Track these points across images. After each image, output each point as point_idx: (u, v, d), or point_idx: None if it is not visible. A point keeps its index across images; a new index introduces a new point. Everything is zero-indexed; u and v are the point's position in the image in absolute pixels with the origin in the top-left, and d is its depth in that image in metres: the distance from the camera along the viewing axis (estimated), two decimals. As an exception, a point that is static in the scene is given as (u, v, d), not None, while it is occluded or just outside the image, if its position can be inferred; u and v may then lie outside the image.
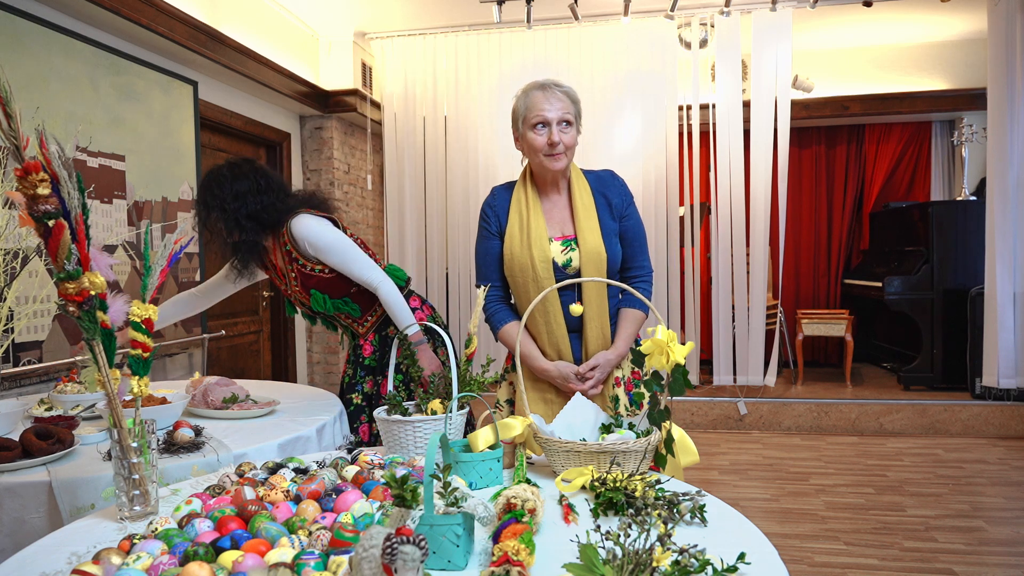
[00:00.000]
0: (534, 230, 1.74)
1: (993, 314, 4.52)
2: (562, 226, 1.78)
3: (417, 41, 5.16)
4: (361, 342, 2.22)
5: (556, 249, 1.76)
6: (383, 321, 2.21)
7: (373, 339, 2.21)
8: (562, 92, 1.72)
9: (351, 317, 2.21)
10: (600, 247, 1.73)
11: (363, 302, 2.18)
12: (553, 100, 1.70)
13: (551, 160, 1.72)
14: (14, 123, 1.00)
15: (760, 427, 4.82)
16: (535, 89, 1.73)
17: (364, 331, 2.22)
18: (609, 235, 1.76)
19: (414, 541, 0.74)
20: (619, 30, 4.89)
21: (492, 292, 1.82)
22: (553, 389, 1.78)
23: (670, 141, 4.93)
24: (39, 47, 2.73)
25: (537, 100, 1.71)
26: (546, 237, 1.75)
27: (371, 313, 2.21)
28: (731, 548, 0.97)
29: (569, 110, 1.71)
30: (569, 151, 1.73)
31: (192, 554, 0.93)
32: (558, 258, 1.75)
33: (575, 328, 1.77)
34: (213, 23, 3.63)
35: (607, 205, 1.79)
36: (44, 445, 1.45)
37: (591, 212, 1.76)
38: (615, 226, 1.78)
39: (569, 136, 1.71)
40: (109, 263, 1.15)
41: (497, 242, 1.81)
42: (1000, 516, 3.16)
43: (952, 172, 6.16)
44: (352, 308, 2.16)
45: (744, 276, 4.93)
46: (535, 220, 1.75)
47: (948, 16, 5.07)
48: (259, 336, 4.67)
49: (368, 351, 2.21)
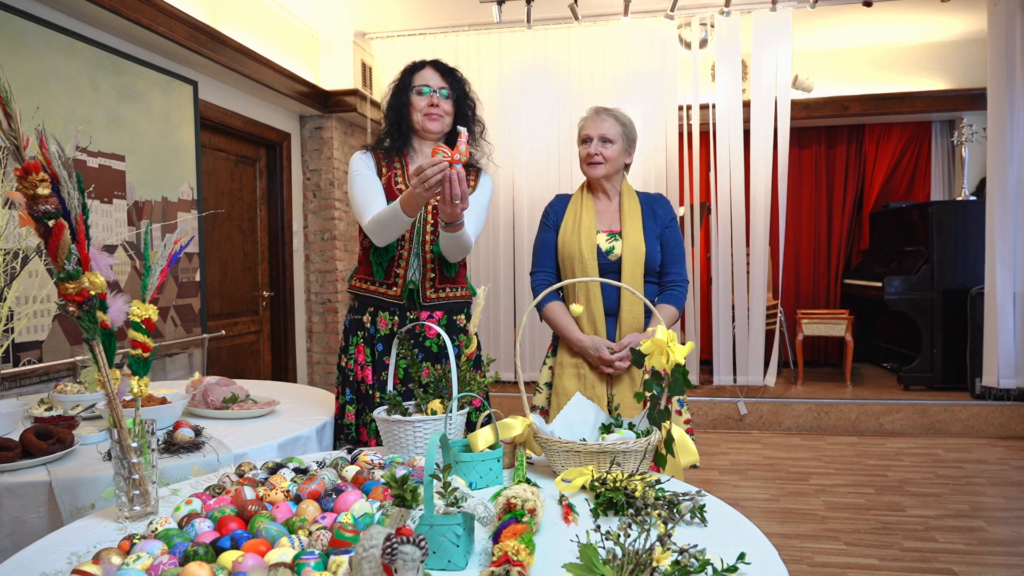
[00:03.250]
0: (584, 222, 2.04)
1: (993, 314, 4.52)
2: (610, 223, 2.08)
3: (417, 41, 5.15)
4: (422, 315, 1.91)
5: (602, 239, 2.04)
6: (454, 304, 1.97)
7: (442, 317, 1.94)
8: (608, 115, 2.06)
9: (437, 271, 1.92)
10: (641, 242, 2.01)
11: (461, 271, 1.99)
12: (598, 121, 2.05)
13: (591, 168, 2.05)
14: (14, 123, 1.00)
15: (760, 427, 4.82)
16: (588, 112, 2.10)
17: (433, 299, 1.93)
18: (651, 236, 2.04)
19: (414, 541, 0.74)
20: (619, 30, 4.89)
21: (542, 277, 2.10)
22: (587, 364, 2.01)
23: (670, 141, 4.94)
24: (39, 47, 2.73)
25: (585, 121, 2.09)
26: (594, 229, 2.04)
27: (452, 286, 1.96)
28: (731, 548, 0.97)
29: (612, 130, 2.04)
30: (609, 163, 2.04)
31: (192, 554, 0.93)
32: (603, 245, 2.03)
33: (612, 312, 2.03)
34: (213, 23, 3.63)
35: (652, 215, 2.08)
36: (44, 445, 1.45)
37: (636, 215, 2.06)
38: (657, 231, 2.06)
39: (609, 150, 2.03)
40: (109, 263, 1.14)
41: (553, 234, 2.11)
42: (1000, 516, 3.16)
43: (952, 172, 6.16)
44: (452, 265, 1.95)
45: (744, 276, 4.93)
46: (587, 215, 2.06)
47: (948, 16, 5.07)
48: (259, 336, 4.68)
49: (428, 329, 1.91)
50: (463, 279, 2.02)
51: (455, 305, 1.97)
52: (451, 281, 1.96)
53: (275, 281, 4.81)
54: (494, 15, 4.49)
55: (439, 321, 1.93)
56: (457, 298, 1.98)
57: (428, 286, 1.92)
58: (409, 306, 1.91)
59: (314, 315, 5.12)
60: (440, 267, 1.92)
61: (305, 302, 5.11)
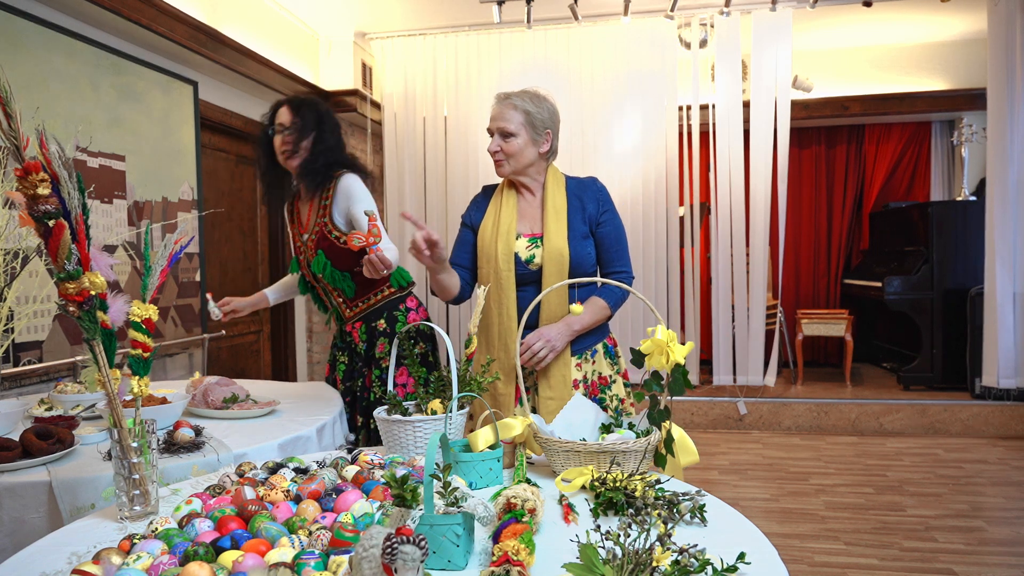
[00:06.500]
0: (503, 224, 1.84)
1: (993, 314, 4.52)
2: (532, 224, 1.87)
3: (417, 41, 5.16)
4: (348, 328, 2.23)
5: (522, 245, 1.84)
6: (372, 312, 2.21)
7: (360, 327, 2.22)
8: (507, 103, 1.82)
9: (343, 296, 2.21)
10: (563, 248, 1.79)
11: (360, 285, 2.18)
12: (496, 112, 1.83)
13: (495, 167, 1.87)
14: (14, 123, 1.00)
15: (760, 427, 4.82)
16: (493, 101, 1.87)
17: (351, 316, 2.22)
18: (576, 237, 1.81)
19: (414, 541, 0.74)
20: (619, 30, 4.89)
21: (458, 273, 1.91)
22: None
23: (670, 141, 4.93)
24: (39, 47, 2.73)
25: (492, 110, 1.86)
26: (514, 232, 1.84)
27: (363, 300, 2.21)
28: (731, 548, 0.97)
29: (513, 121, 1.80)
30: (512, 158, 1.83)
31: (192, 554, 0.93)
32: (522, 253, 1.83)
33: (531, 324, 1.81)
34: (213, 23, 3.63)
35: (581, 209, 1.85)
36: (44, 445, 1.45)
37: (561, 214, 1.83)
38: (585, 229, 1.83)
39: (511, 145, 1.81)
40: (109, 263, 1.14)
41: (470, 233, 1.94)
42: (1000, 516, 3.16)
43: (952, 172, 6.16)
44: (348, 286, 2.16)
45: (744, 276, 4.93)
46: (507, 216, 1.85)
47: (948, 16, 5.07)
48: (259, 336, 4.68)
49: (357, 338, 2.22)
50: (376, 286, 2.19)
51: (372, 313, 2.21)
52: (358, 297, 2.21)
53: (275, 281, 4.80)
54: (494, 15, 4.49)
55: (359, 331, 2.21)
56: (372, 306, 2.21)
57: (345, 308, 2.23)
58: (340, 323, 2.27)
59: (314, 315, 5.12)
60: (342, 293, 2.20)
61: (305, 302, 5.11)
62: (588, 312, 1.80)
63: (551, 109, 1.87)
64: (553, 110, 1.88)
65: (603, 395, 1.86)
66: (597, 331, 1.87)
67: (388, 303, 2.21)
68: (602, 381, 1.86)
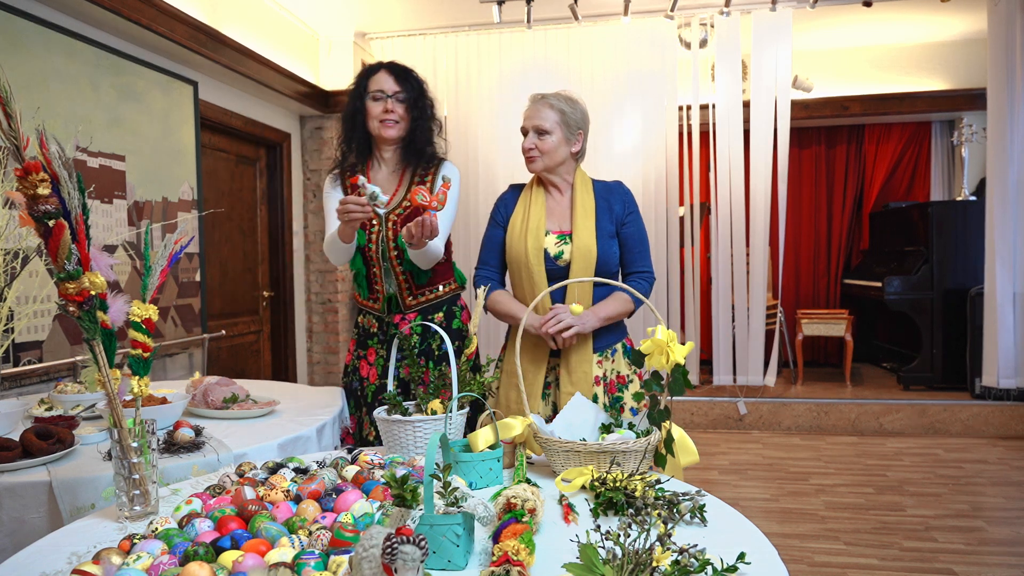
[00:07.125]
0: (532, 221, 1.90)
1: (993, 314, 4.52)
2: (560, 222, 1.93)
3: (417, 41, 5.15)
4: (396, 319, 2.02)
5: (551, 241, 1.89)
6: (433, 304, 2.05)
7: (414, 320, 2.02)
8: (544, 103, 1.89)
9: (411, 282, 2.01)
10: (591, 245, 1.85)
11: (436, 274, 2.04)
12: (533, 111, 1.89)
13: (528, 163, 1.92)
14: (14, 123, 1.00)
15: (760, 427, 4.82)
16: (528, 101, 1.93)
17: (413, 304, 2.03)
18: (604, 236, 1.88)
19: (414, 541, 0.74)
20: (619, 30, 4.89)
21: (485, 273, 1.97)
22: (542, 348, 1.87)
23: (670, 141, 4.94)
24: (39, 47, 2.73)
25: (525, 111, 1.92)
26: (543, 229, 1.89)
27: (431, 289, 2.04)
28: (731, 548, 0.97)
29: (549, 119, 1.87)
30: (546, 155, 1.88)
31: (192, 554, 0.93)
32: (551, 249, 1.89)
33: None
34: (213, 23, 3.63)
35: (608, 210, 1.91)
36: (44, 445, 1.45)
37: (589, 213, 1.89)
38: (612, 229, 1.90)
39: (546, 143, 1.87)
40: (109, 263, 1.14)
41: (500, 231, 1.98)
42: (1000, 516, 3.16)
43: (952, 172, 6.16)
44: (425, 272, 2.01)
45: (744, 276, 4.93)
46: (536, 213, 1.91)
47: (948, 16, 5.07)
48: (259, 336, 4.68)
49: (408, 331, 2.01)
50: (443, 277, 2.08)
51: (432, 306, 2.06)
52: (428, 285, 2.05)
53: (275, 281, 4.81)
54: (494, 15, 4.49)
55: (411, 323, 2.02)
56: (436, 299, 2.06)
57: (407, 295, 2.03)
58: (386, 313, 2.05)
59: (314, 315, 5.12)
60: (412, 277, 2.02)
61: (305, 302, 5.11)
62: (613, 303, 1.86)
63: (583, 111, 1.94)
64: (585, 112, 1.94)
65: (620, 394, 1.90)
66: (617, 330, 1.94)
67: (450, 298, 2.09)
68: (620, 380, 1.91)
